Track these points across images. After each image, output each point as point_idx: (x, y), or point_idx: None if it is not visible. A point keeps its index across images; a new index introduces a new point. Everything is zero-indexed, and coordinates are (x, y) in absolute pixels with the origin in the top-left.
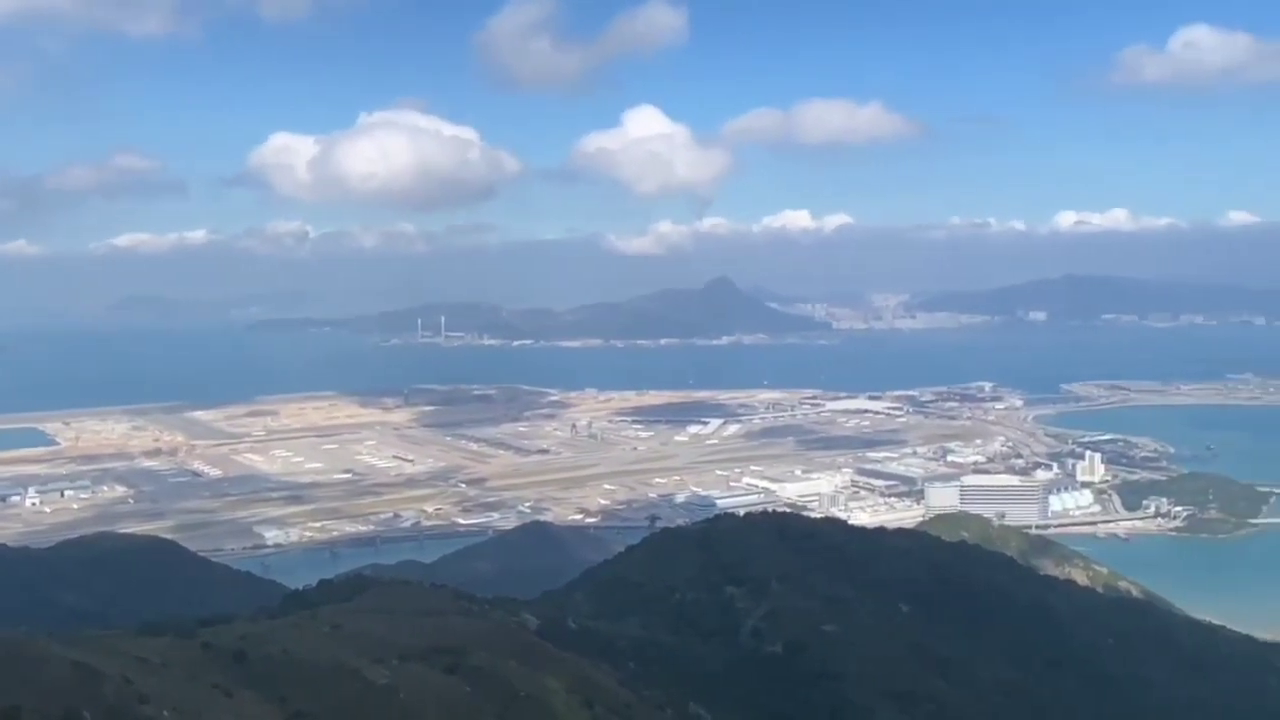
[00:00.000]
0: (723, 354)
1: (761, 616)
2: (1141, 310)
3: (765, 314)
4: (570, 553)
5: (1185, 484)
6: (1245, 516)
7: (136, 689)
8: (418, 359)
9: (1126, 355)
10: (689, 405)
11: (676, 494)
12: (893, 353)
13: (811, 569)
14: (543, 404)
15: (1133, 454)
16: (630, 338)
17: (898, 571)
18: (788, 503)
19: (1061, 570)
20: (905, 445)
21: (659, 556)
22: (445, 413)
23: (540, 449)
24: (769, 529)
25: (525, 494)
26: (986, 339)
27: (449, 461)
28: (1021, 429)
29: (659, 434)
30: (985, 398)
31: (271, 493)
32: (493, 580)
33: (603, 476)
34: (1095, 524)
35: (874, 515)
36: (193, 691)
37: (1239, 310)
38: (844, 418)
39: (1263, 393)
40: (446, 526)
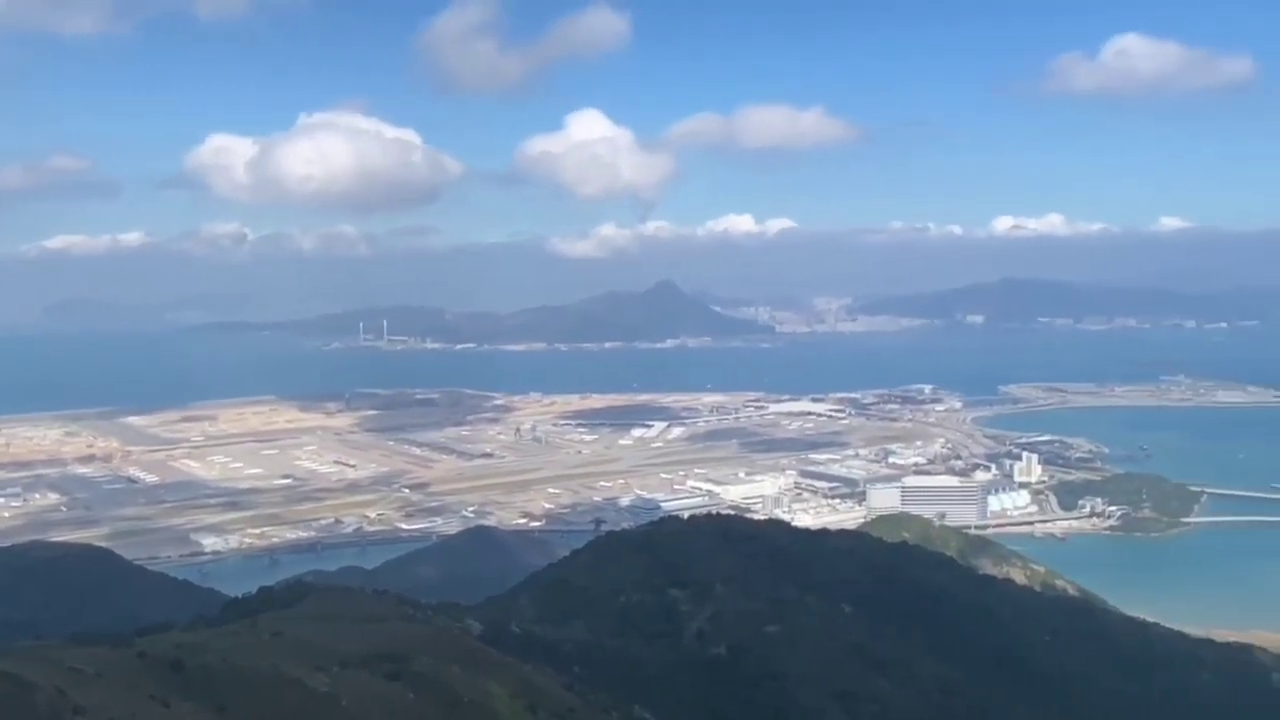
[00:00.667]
0: (667, 357)
1: (705, 619)
2: (1077, 313)
3: (709, 317)
4: (514, 557)
5: (1120, 484)
6: (1178, 515)
7: (70, 700)
8: (359, 363)
9: (1062, 358)
10: (633, 408)
11: (621, 497)
12: (835, 355)
13: (755, 571)
14: (486, 408)
15: (1069, 455)
16: (574, 341)
17: (840, 572)
18: (732, 505)
19: (1000, 570)
20: (847, 447)
21: (603, 560)
22: (387, 417)
23: (484, 453)
24: (713, 531)
25: (469, 498)
26: (926, 342)
27: (391, 466)
28: (961, 430)
29: (603, 437)
30: (925, 400)
31: (209, 499)
32: (436, 586)
33: (547, 480)
34: (1033, 524)
35: (817, 517)
36: (129, 702)
37: (1171, 314)
38: (787, 420)
39: (1194, 394)
40: (389, 532)
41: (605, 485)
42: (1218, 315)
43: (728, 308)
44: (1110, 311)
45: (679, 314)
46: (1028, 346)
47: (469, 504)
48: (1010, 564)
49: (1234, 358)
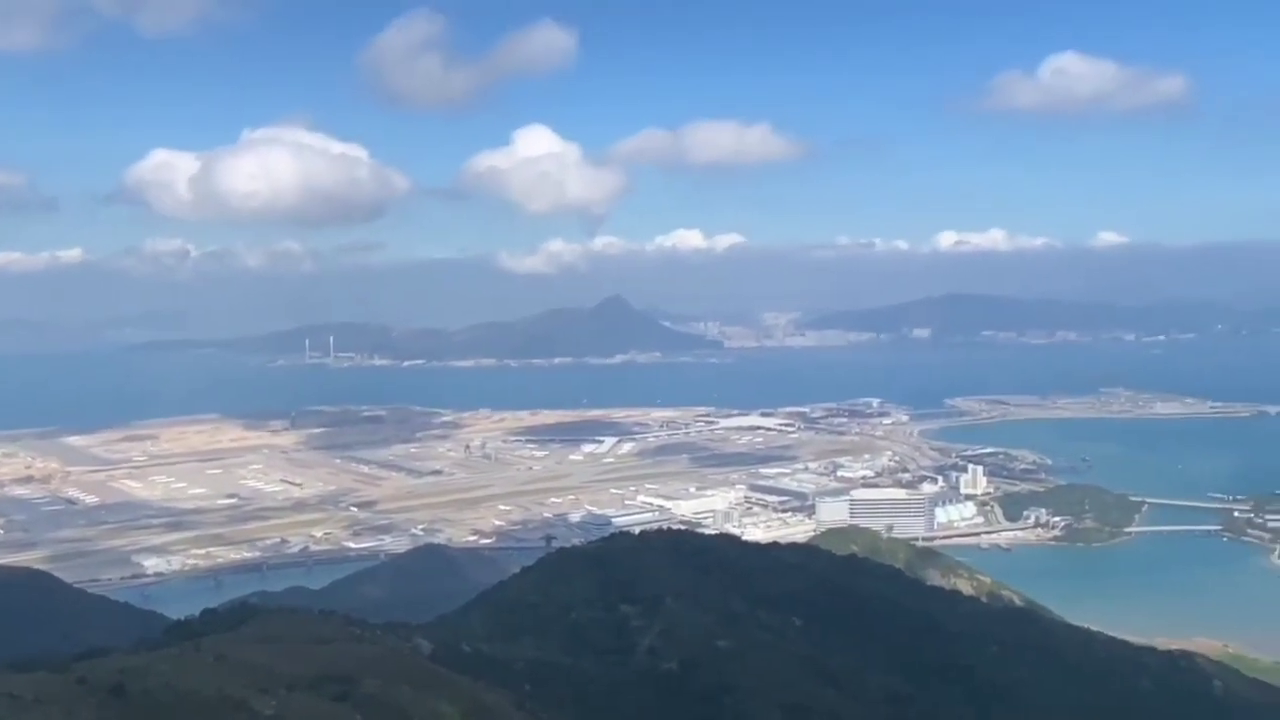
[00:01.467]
0: (617, 372)
1: (656, 634)
2: (1019, 327)
3: (659, 332)
4: (464, 575)
5: (1063, 495)
6: (1119, 525)
7: None
8: (305, 380)
9: (1006, 371)
10: (583, 424)
11: (572, 513)
12: (784, 370)
13: (706, 585)
14: (435, 425)
15: (1013, 466)
16: (523, 357)
17: (790, 585)
18: (682, 520)
19: (947, 580)
20: (797, 461)
21: (554, 576)
22: (334, 435)
23: (433, 470)
24: (664, 546)
25: (418, 516)
26: (874, 356)
27: (338, 484)
28: (908, 443)
29: (554, 453)
30: (873, 413)
31: (151, 520)
32: (384, 605)
33: (497, 497)
34: (979, 535)
35: (767, 531)
36: None
37: (1110, 327)
38: (737, 434)
39: (1134, 406)
40: (336, 551)
41: (556, 501)
42: (1156, 329)
43: (677, 323)
44: (1052, 325)
45: (628, 329)
46: (972, 360)
47: (418, 522)
48: (957, 575)
49: (1172, 370)
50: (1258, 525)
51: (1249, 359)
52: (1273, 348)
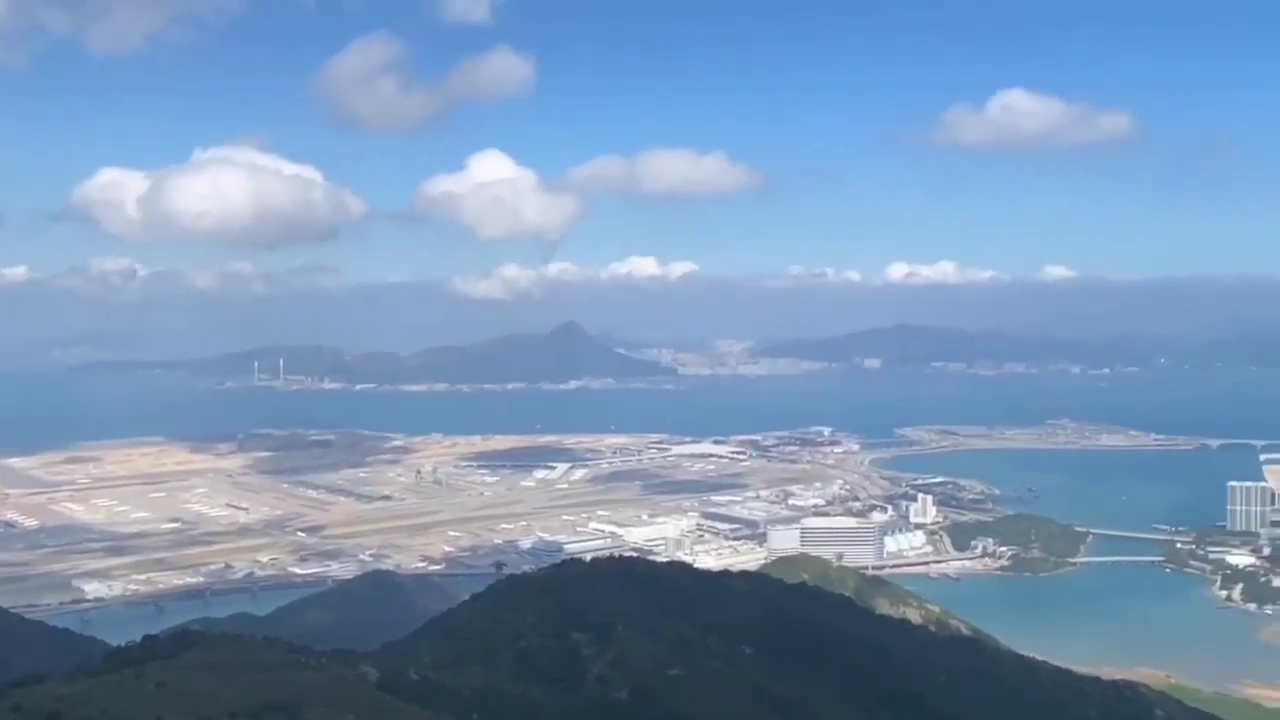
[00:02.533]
0: (570, 399)
1: (607, 662)
2: (968, 358)
3: (613, 359)
4: (413, 602)
5: (1010, 525)
6: (1064, 555)
7: None
8: (254, 403)
9: (955, 401)
10: (536, 450)
11: (523, 540)
12: (737, 398)
13: (657, 613)
14: (385, 449)
15: (961, 496)
16: (476, 382)
17: (741, 614)
18: (634, 547)
19: (896, 609)
20: (749, 489)
21: (504, 604)
22: (282, 459)
23: (382, 495)
24: (615, 574)
25: (366, 542)
26: (825, 385)
27: (286, 509)
28: (859, 472)
29: (505, 479)
30: (825, 442)
31: (92, 543)
32: (331, 632)
33: (447, 523)
34: (927, 564)
35: (718, 558)
36: None
37: (1056, 360)
38: (689, 462)
39: (1079, 438)
40: (282, 577)
41: (507, 527)
42: (1101, 362)
43: (631, 349)
44: (1000, 357)
45: (582, 355)
46: (922, 390)
47: (366, 547)
48: (906, 604)
49: (1116, 403)
50: (1199, 557)
51: (1191, 393)
52: (1214, 382)
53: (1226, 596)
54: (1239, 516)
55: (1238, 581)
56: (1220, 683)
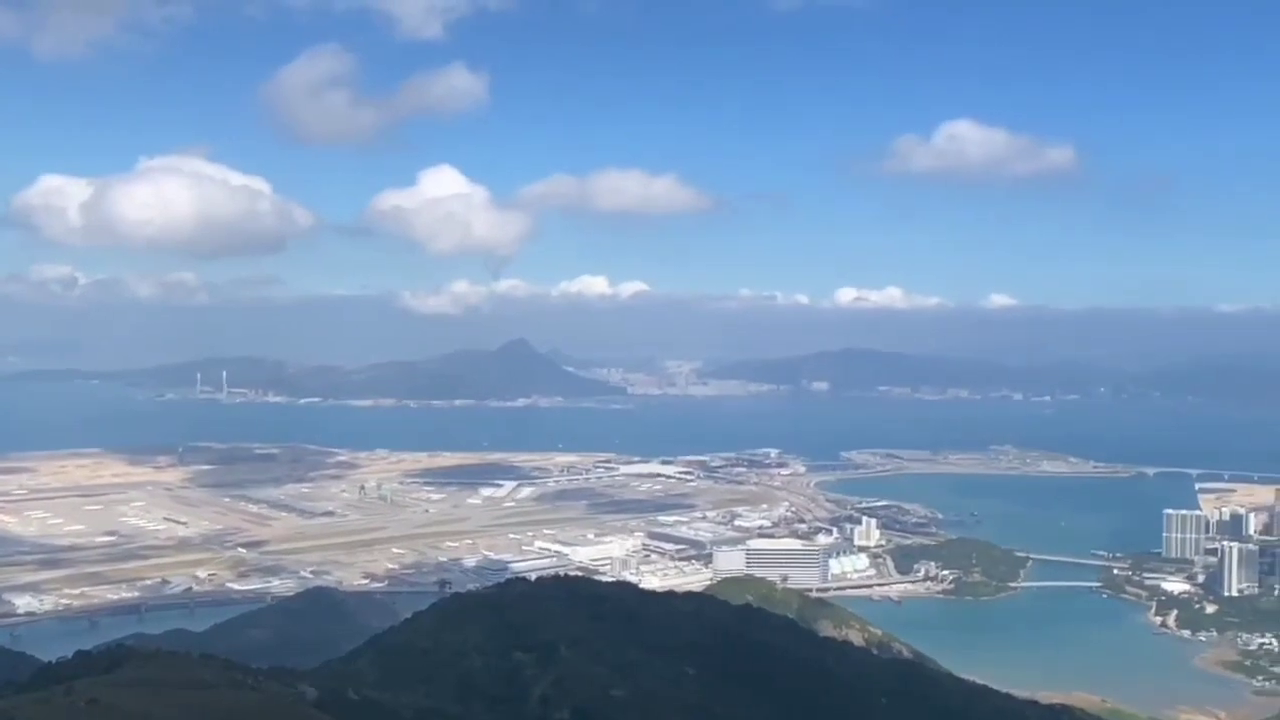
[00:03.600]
0: (518, 416)
1: (550, 683)
2: (913, 383)
3: (562, 377)
4: (354, 619)
5: (952, 549)
6: (1005, 580)
7: None
8: (196, 415)
9: (900, 425)
10: (483, 467)
11: (468, 558)
12: (685, 418)
13: (601, 633)
14: (330, 464)
15: (905, 519)
16: (424, 398)
17: (685, 634)
18: (580, 566)
19: (839, 631)
20: (695, 509)
21: (448, 622)
22: (223, 472)
23: (326, 511)
24: (560, 593)
25: (308, 558)
26: (773, 407)
27: (226, 523)
28: (804, 494)
29: (451, 496)
30: (771, 464)
31: (24, 556)
32: (270, 650)
33: (391, 540)
34: (871, 586)
35: (664, 579)
36: None
37: (999, 386)
38: (637, 481)
39: (1021, 463)
40: (220, 593)
41: (452, 545)
42: (1043, 389)
43: (581, 368)
44: (944, 382)
45: (532, 373)
46: (868, 414)
47: (308, 564)
48: (849, 626)
49: (1057, 430)
50: (1135, 583)
51: (1130, 421)
52: (1152, 410)
53: (1161, 623)
54: (1174, 544)
55: (1172, 608)
56: (1155, 708)
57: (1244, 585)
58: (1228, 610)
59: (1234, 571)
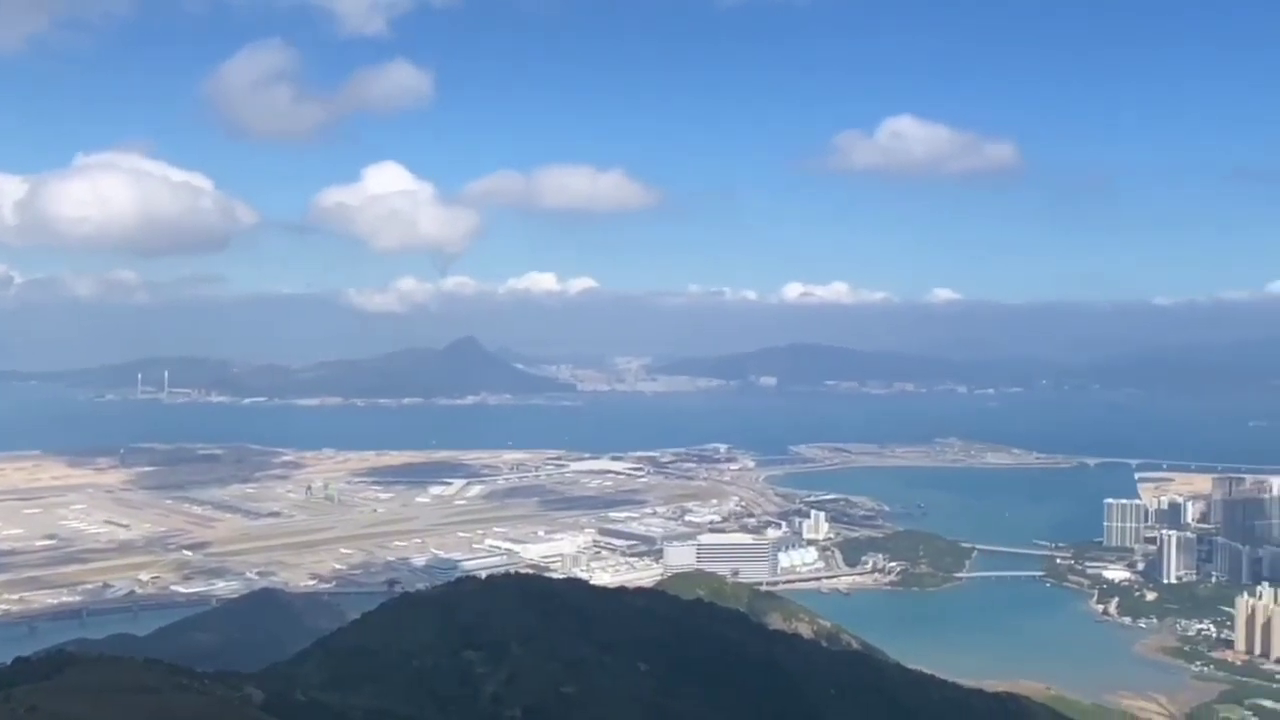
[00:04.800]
0: (467, 414)
1: (501, 681)
2: (860, 377)
3: (511, 374)
4: (301, 621)
5: (899, 541)
6: (951, 571)
7: None
8: (137, 416)
9: (847, 419)
10: (431, 465)
11: (417, 557)
12: (635, 414)
13: (553, 631)
14: (275, 464)
15: (853, 512)
16: (371, 396)
17: (637, 630)
18: (530, 564)
19: (789, 625)
20: (646, 505)
21: (397, 622)
22: (166, 473)
23: (271, 511)
24: (511, 591)
25: (253, 559)
26: (722, 402)
27: (169, 525)
28: (754, 489)
29: (399, 495)
30: (721, 459)
31: None
32: (216, 653)
33: (339, 540)
34: (820, 579)
35: (615, 575)
36: None
37: (944, 380)
38: (587, 478)
39: (965, 455)
40: (164, 596)
41: (400, 545)
42: (986, 382)
43: (530, 365)
44: (890, 376)
45: (480, 370)
46: (816, 408)
47: (253, 565)
48: (798, 619)
49: (1001, 422)
50: (1078, 572)
51: (1071, 413)
52: (1092, 402)
53: (1103, 610)
54: (1115, 533)
55: (1114, 596)
56: (1097, 694)
57: (1182, 572)
58: (1167, 597)
59: (1173, 559)
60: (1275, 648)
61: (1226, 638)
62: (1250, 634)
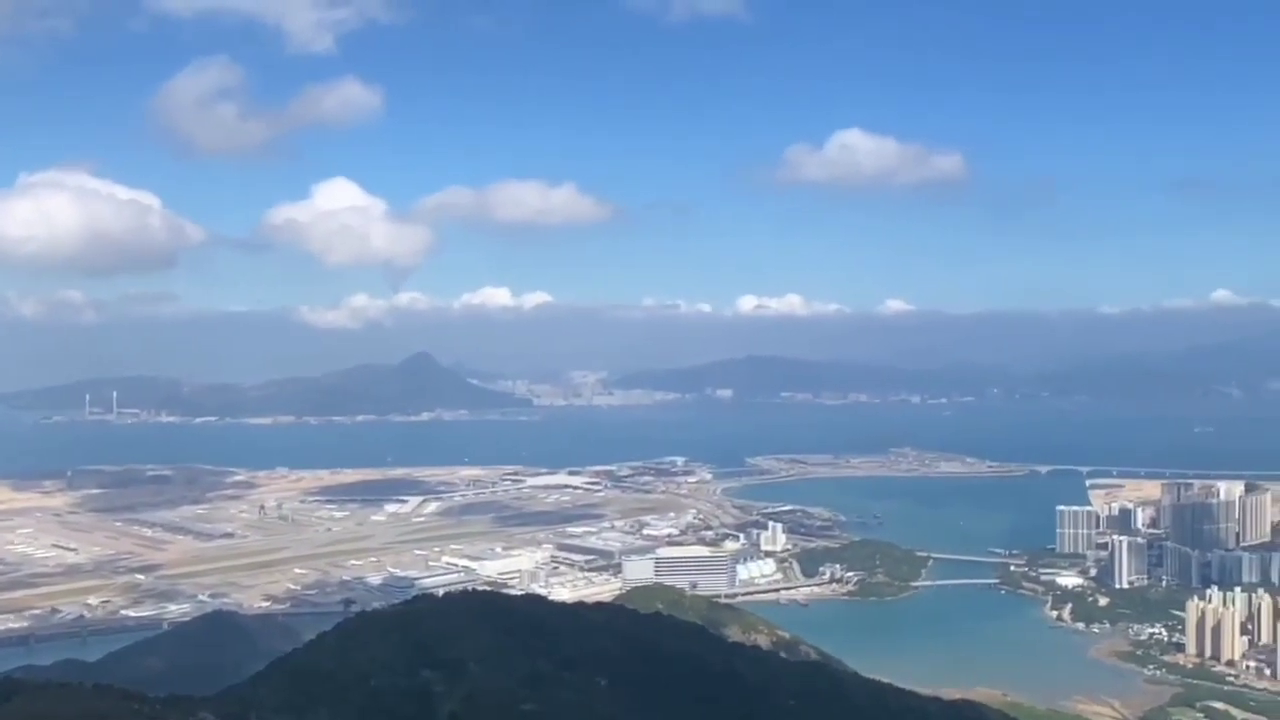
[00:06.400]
0: (423, 430)
1: (459, 700)
2: (815, 389)
3: (466, 390)
4: (255, 643)
5: (856, 551)
6: (907, 580)
7: None
8: (85, 437)
9: (803, 431)
10: (387, 483)
11: (373, 576)
12: (591, 428)
13: (511, 647)
14: (227, 484)
15: (810, 523)
16: (325, 414)
17: (596, 645)
18: (489, 581)
19: (748, 636)
20: (603, 519)
21: (353, 642)
22: (115, 496)
23: (224, 533)
24: (468, 608)
25: (206, 581)
26: (679, 415)
27: (118, 548)
28: (711, 501)
29: (355, 513)
30: (678, 472)
31: None
32: (168, 677)
33: (293, 560)
34: (778, 591)
35: (573, 590)
36: None
37: (898, 390)
38: (544, 493)
39: (920, 465)
40: (114, 620)
41: (356, 564)
42: (939, 392)
43: (485, 380)
44: (845, 387)
45: (435, 386)
46: (771, 420)
47: (206, 587)
48: (757, 630)
49: (954, 431)
50: (1031, 578)
51: (1022, 421)
52: (1042, 410)
53: (1057, 616)
54: (1067, 539)
55: (1067, 601)
56: (1052, 699)
57: (1134, 577)
58: (1119, 602)
59: (1124, 564)
60: (1225, 650)
61: (1178, 641)
62: (1200, 637)
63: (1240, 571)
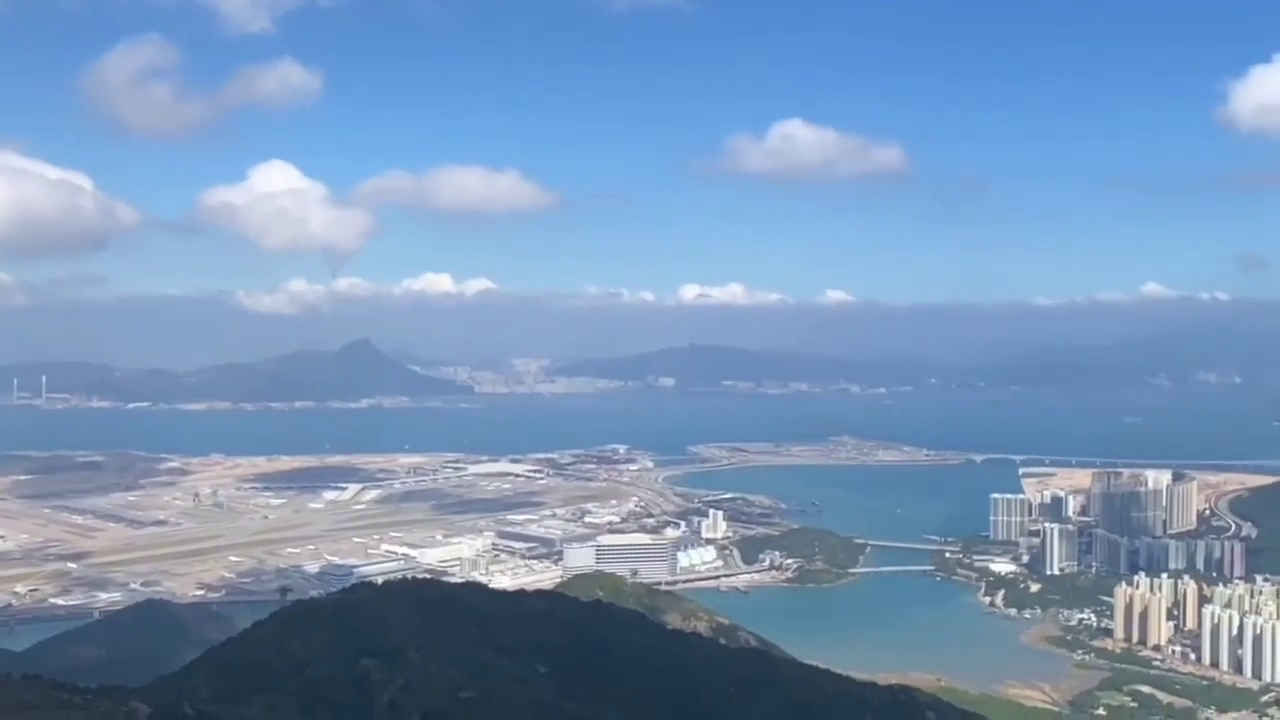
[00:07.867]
0: (362, 417)
1: (398, 688)
2: (757, 378)
3: (407, 377)
4: (189, 633)
5: (795, 538)
6: (845, 567)
7: None
8: (12, 423)
9: (744, 419)
10: (325, 470)
11: (310, 564)
12: (534, 416)
13: (451, 635)
14: (160, 471)
15: (750, 511)
16: (262, 400)
17: (536, 633)
18: (428, 568)
19: (688, 624)
20: (545, 507)
21: (289, 631)
22: (44, 482)
23: (156, 520)
24: (408, 596)
25: (138, 569)
26: (621, 403)
27: (47, 535)
28: (653, 489)
29: (292, 501)
30: (620, 460)
31: None
32: (99, 667)
33: (228, 548)
34: (719, 578)
35: (514, 578)
36: None
37: (838, 379)
38: (486, 481)
39: (859, 453)
40: (42, 609)
41: (293, 551)
42: (878, 381)
43: (426, 367)
44: (786, 377)
45: (375, 373)
46: (713, 408)
47: (138, 575)
48: (697, 618)
49: (892, 421)
50: (966, 565)
51: (958, 411)
52: (978, 400)
53: (990, 603)
54: (1001, 527)
55: (1000, 588)
56: (985, 684)
57: (1064, 564)
58: (1050, 588)
59: (1055, 551)
60: (1152, 635)
61: (1106, 626)
62: (1128, 622)
63: (1167, 558)
